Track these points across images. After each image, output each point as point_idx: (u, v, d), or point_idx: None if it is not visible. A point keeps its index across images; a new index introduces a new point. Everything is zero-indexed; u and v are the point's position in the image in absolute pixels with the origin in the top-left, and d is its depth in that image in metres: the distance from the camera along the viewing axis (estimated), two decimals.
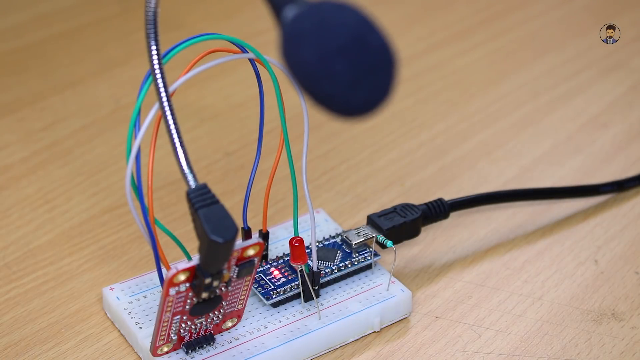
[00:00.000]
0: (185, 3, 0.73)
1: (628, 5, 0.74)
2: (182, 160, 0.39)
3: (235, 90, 0.64)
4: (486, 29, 0.72)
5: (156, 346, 0.42)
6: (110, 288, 0.46)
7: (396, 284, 0.47)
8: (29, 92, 0.63)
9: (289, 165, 0.44)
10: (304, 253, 0.44)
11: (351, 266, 0.47)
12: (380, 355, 0.45)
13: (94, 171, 0.56)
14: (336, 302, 0.46)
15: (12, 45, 0.68)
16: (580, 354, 0.45)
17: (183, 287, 0.40)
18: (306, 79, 0.34)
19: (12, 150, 0.58)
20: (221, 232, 0.37)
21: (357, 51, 0.33)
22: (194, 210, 0.38)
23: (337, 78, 0.33)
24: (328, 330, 0.45)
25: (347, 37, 0.33)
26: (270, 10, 0.35)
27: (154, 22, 0.38)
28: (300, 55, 0.33)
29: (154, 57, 0.39)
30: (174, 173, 0.54)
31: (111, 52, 0.67)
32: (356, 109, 0.34)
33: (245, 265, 0.41)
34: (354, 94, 0.33)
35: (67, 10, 0.72)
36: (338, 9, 0.33)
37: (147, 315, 0.45)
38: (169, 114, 0.39)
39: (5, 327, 0.46)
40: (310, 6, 0.34)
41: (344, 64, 0.33)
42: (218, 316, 0.43)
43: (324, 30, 0.33)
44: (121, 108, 0.62)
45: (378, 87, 0.34)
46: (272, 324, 0.45)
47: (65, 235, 0.51)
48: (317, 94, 0.34)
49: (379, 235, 0.47)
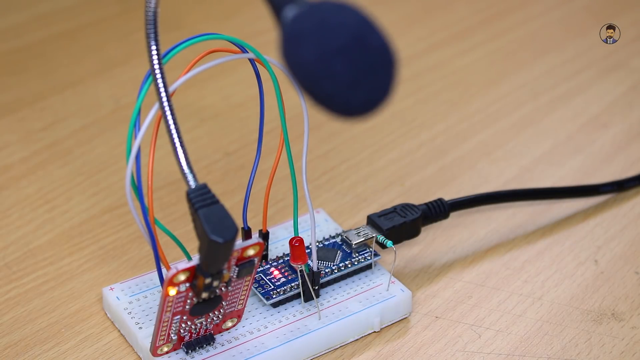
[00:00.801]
0: (185, 3, 0.73)
1: (628, 5, 0.74)
2: (182, 160, 0.39)
3: (235, 90, 0.64)
4: (486, 29, 0.72)
5: (156, 346, 0.42)
6: (110, 288, 0.46)
7: (396, 284, 0.47)
8: (29, 92, 0.63)
9: (289, 165, 0.44)
10: (304, 253, 0.45)
11: (351, 266, 0.47)
12: (380, 355, 0.45)
13: (94, 171, 0.56)
14: (336, 302, 0.46)
15: (12, 45, 0.68)
16: (580, 354, 0.45)
17: (183, 287, 0.40)
18: (306, 79, 0.34)
19: (12, 150, 0.58)
20: (221, 232, 0.37)
21: (357, 51, 0.33)
22: (194, 210, 0.38)
23: (337, 78, 0.33)
24: (328, 330, 0.45)
25: (347, 37, 0.33)
26: (270, 10, 0.35)
27: (154, 22, 0.38)
28: (300, 55, 0.33)
29: (154, 57, 0.39)
30: (174, 173, 0.54)
31: (111, 52, 0.67)
32: (356, 109, 0.34)
33: (245, 265, 0.41)
34: (354, 94, 0.33)
35: (67, 10, 0.72)
36: (338, 9, 0.33)
37: (147, 315, 0.45)
38: (169, 114, 0.39)
39: (5, 327, 0.46)
40: (310, 6, 0.34)
41: (344, 64, 0.33)
42: (218, 316, 0.43)
43: (324, 30, 0.33)
44: (121, 108, 0.62)
45: (378, 87, 0.34)
46: (272, 324, 0.45)
47: (65, 235, 0.51)
48: (317, 94, 0.34)
49: (379, 235, 0.47)
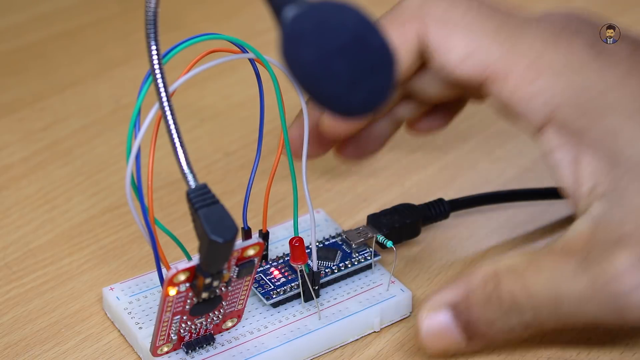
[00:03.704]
0: (185, 3, 0.73)
1: (628, 5, 0.74)
2: (182, 161, 0.39)
3: (235, 90, 0.64)
4: None
5: (156, 346, 0.42)
6: (110, 288, 0.46)
7: (396, 284, 0.47)
8: (29, 92, 0.63)
9: (289, 165, 0.44)
10: (304, 253, 0.45)
11: (351, 266, 0.47)
12: (380, 355, 0.45)
13: (94, 171, 0.56)
14: (336, 302, 0.46)
15: (12, 45, 0.68)
16: (580, 354, 0.45)
17: (183, 287, 0.40)
18: (306, 79, 0.34)
19: (12, 150, 0.58)
20: (221, 232, 0.37)
21: (357, 51, 0.33)
22: (194, 210, 0.38)
23: (337, 78, 0.33)
24: (328, 330, 0.45)
25: (347, 37, 0.33)
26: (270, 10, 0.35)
27: (154, 22, 0.38)
28: (300, 55, 0.33)
29: (154, 57, 0.39)
30: (174, 173, 0.54)
31: (111, 52, 0.67)
32: (356, 109, 0.34)
33: (245, 265, 0.41)
34: (354, 94, 0.33)
35: (67, 10, 0.72)
36: (338, 9, 0.33)
37: (147, 315, 0.45)
38: (169, 114, 0.39)
39: (5, 327, 0.46)
40: (310, 6, 0.34)
41: (344, 63, 0.33)
42: (218, 316, 0.43)
43: (324, 30, 0.33)
44: (121, 108, 0.62)
45: (378, 87, 0.34)
46: (272, 324, 0.45)
47: (65, 235, 0.51)
48: (317, 94, 0.34)
49: (379, 235, 0.47)
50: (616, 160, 0.39)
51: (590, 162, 0.40)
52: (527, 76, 0.40)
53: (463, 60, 0.41)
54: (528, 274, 0.40)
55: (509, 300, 0.40)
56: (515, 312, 0.40)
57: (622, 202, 0.38)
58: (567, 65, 0.40)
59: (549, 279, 0.40)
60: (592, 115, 0.40)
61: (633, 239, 0.38)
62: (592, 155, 0.40)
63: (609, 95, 0.40)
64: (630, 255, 0.38)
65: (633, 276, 0.38)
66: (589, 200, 0.40)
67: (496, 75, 0.41)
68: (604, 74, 0.40)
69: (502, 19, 0.41)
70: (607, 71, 0.40)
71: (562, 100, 0.40)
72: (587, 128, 0.40)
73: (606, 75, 0.40)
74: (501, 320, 0.41)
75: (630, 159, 0.39)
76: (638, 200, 0.38)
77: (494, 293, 0.41)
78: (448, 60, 0.42)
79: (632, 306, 0.39)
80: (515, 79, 0.41)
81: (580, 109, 0.40)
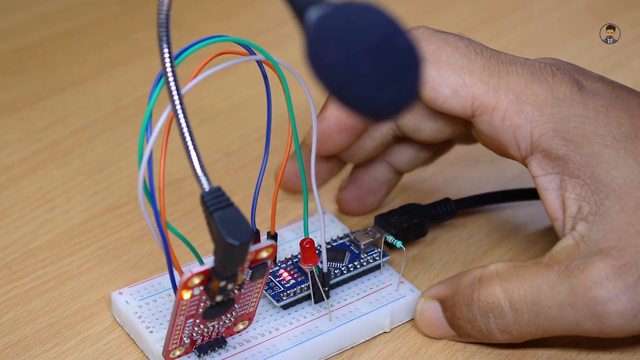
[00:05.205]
0: (185, 3, 0.73)
1: (628, 5, 0.74)
2: (196, 164, 0.38)
3: (235, 90, 0.64)
4: (486, 29, 0.72)
5: (169, 350, 0.42)
6: (119, 292, 0.46)
7: (405, 284, 0.47)
8: (29, 92, 0.63)
9: (299, 166, 0.44)
10: (314, 254, 0.44)
11: (360, 267, 0.47)
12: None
13: (94, 171, 0.56)
14: (346, 303, 0.46)
15: (12, 45, 0.68)
16: (580, 354, 0.45)
17: (197, 290, 0.40)
18: (333, 80, 0.33)
19: (12, 150, 0.58)
20: (237, 235, 0.37)
21: (385, 53, 0.33)
22: (208, 213, 0.38)
23: (365, 80, 0.32)
24: (339, 331, 0.45)
25: (375, 39, 0.33)
26: (292, 11, 0.34)
27: (167, 25, 0.38)
28: (327, 57, 0.33)
29: (167, 59, 0.38)
30: (174, 173, 0.54)
31: (111, 52, 0.67)
32: (384, 111, 0.33)
33: (259, 268, 0.41)
34: (382, 96, 0.33)
35: (67, 10, 0.72)
36: (364, 10, 0.33)
37: (157, 319, 0.44)
38: (182, 117, 0.38)
39: (5, 327, 0.46)
40: (335, 7, 0.33)
41: (372, 65, 0.32)
42: (230, 319, 0.43)
43: (351, 32, 0.32)
44: (121, 108, 0.62)
45: (405, 89, 0.33)
46: (283, 326, 0.45)
47: (65, 235, 0.51)
48: (343, 96, 0.33)
49: (388, 236, 0.47)
50: (598, 186, 0.42)
51: (574, 188, 0.43)
52: (513, 108, 0.43)
53: (452, 94, 0.44)
54: (511, 279, 0.43)
55: (489, 303, 0.43)
56: (496, 314, 0.43)
57: (604, 221, 0.42)
58: (551, 97, 0.43)
59: (530, 285, 0.42)
60: (575, 143, 0.43)
61: (613, 250, 0.41)
62: (576, 181, 0.43)
63: (590, 124, 0.43)
64: (610, 264, 0.41)
65: (612, 284, 0.41)
66: (574, 221, 0.43)
67: (484, 108, 0.44)
68: (586, 106, 0.43)
69: (488, 58, 0.44)
70: (589, 103, 0.43)
71: (546, 130, 0.43)
72: (571, 155, 0.43)
73: (588, 107, 0.43)
74: (481, 321, 0.44)
75: (610, 184, 0.42)
76: (619, 220, 0.41)
77: (475, 295, 0.43)
78: (439, 95, 0.44)
79: (611, 313, 0.41)
80: (501, 111, 0.43)
81: (564, 137, 0.43)
